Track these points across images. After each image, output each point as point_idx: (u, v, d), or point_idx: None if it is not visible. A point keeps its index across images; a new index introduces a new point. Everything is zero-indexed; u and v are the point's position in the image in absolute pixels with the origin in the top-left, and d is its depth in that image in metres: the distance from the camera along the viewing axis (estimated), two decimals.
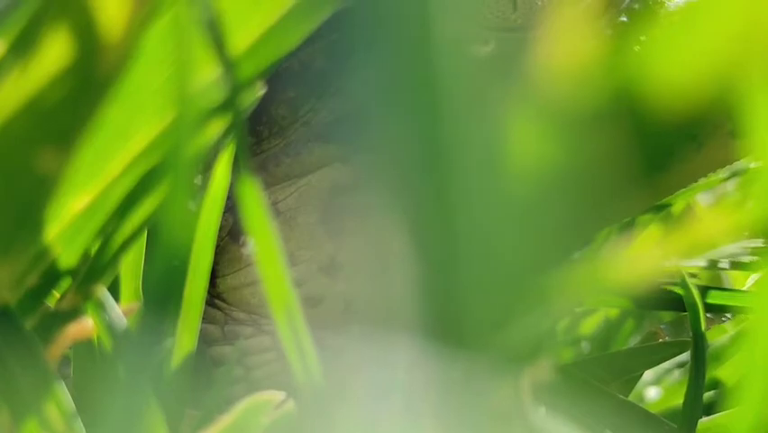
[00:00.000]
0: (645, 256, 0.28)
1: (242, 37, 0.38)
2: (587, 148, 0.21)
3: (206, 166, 0.42)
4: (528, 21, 0.55)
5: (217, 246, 0.49)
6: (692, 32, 0.22)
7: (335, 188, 0.55)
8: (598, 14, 0.55)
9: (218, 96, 0.37)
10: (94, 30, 0.33)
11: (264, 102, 0.56)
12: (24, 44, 0.33)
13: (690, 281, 0.51)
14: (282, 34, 0.38)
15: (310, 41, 0.56)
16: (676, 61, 0.22)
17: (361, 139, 0.55)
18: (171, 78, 0.36)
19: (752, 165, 0.27)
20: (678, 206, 0.66)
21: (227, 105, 0.37)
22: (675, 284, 0.51)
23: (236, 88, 0.37)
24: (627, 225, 0.65)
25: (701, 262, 0.56)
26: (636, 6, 0.55)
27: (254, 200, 0.38)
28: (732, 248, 0.59)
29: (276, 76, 0.56)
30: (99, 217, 0.40)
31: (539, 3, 0.55)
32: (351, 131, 0.55)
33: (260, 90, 0.40)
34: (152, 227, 0.42)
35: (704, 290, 0.52)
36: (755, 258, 0.28)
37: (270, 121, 0.56)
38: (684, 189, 0.61)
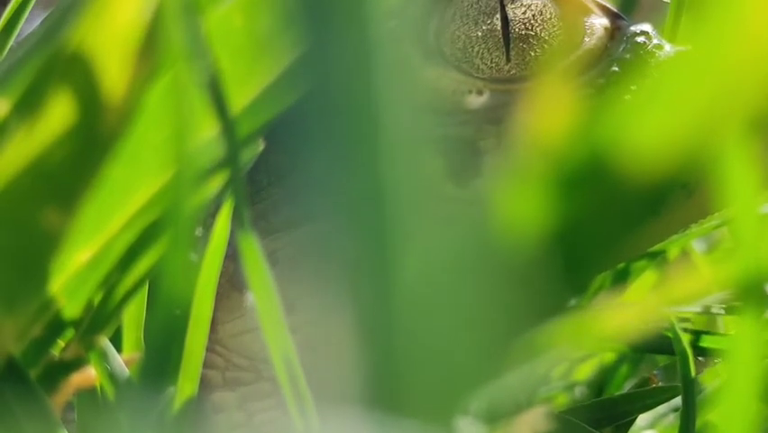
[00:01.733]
0: (639, 305, 0.29)
1: (240, 95, 0.39)
2: (568, 209, 0.22)
3: (208, 216, 0.43)
4: (521, 72, 0.56)
5: (218, 293, 0.50)
6: (666, 94, 0.23)
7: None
8: (588, 68, 0.56)
9: (218, 151, 0.38)
10: (96, 91, 0.34)
11: (263, 151, 0.57)
12: (28, 105, 0.34)
13: (682, 326, 0.52)
14: (280, 92, 0.39)
15: None
16: (652, 123, 0.23)
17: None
18: (172, 135, 0.37)
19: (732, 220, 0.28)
20: (673, 252, 0.67)
21: (227, 160, 0.38)
22: (669, 329, 0.52)
23: (235, 145, 0.38)
24: (622, 273, 0.66)
25: (695, 308, 0.57)
26: (628, 56, 0.56)
27: (253, 251, 0.39)
28: (726, 293, 0.60)
29: (274, 124, 0.57)
30: (102, 270, 0.41)
31: (532, 54, 0.56)
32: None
33: (259, 146, 0.41)
34: (154, 279, 0.43)
35: (696, 335, 0.53)
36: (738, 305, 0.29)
37: (270, 170, 0.57)
38: (678, 236, 0.62)
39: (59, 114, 0.34)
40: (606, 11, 0.58)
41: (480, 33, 0.56)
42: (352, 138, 0.21)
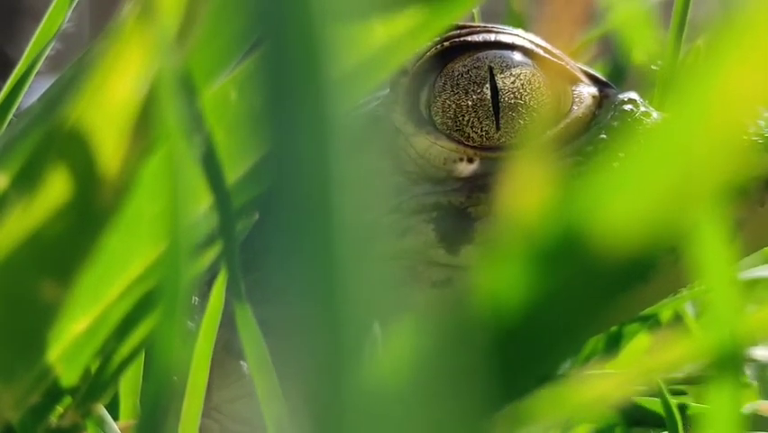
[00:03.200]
0: (624, 372, 0.30)
1: (235, 167, 0.40)
2: (543, 283, 0.23)
3: (204, 285, 0.44)
4: (512, 140, 0.57)
5: (213, 360, 0.50)
6: (638, 170, 0.24)
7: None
8: (576, 136, 0.57)
9: (212, 223, 0.39)
10: (93, 166, 0.35)
11: (259, 220, 0.58)
12: (27, 179, 0.35)
13: (672, 389, 0.53)
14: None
15: None
16: (625, 198, 0.24)
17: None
18: (167, 208, 0.38)
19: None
20: (665, 315, 0.68)
21: (221, 232, 0.39)
22: (658, 396, 0.52)
23: (230, 217, 0.39)
24: (615, 336, 0.67)
25: (683, 372, 0.58)
26: (616, 124, 0.57)
27: (248, 320, 0.40)
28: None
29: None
30: (99, 338, 0.42)
31: (521, 122, 0.57)
32: None
33: (253, 216, 0.42)
34: (150, 347, 0.43)
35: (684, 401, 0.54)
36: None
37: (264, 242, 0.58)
38: (670, 299, 0.63)
39: (56, 188, 0.35)
40: (594, 79, 0.59)
41: (470, 102, 0.57)
42: (308, 231, 0.22)
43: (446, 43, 0.58)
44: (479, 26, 0.58)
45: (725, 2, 0.23)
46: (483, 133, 0.57)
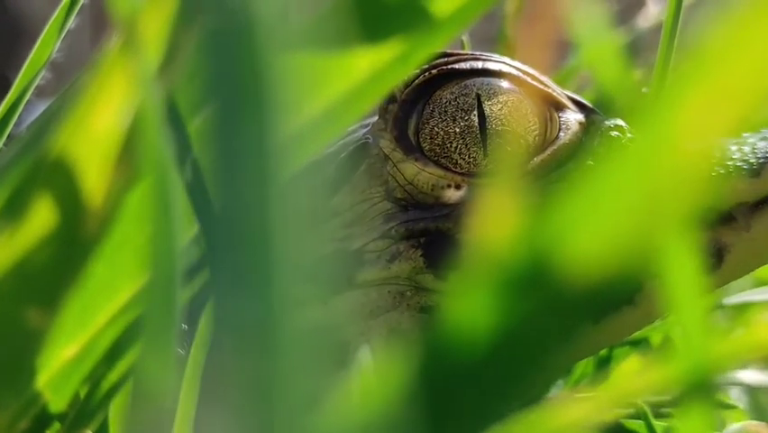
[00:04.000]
0: (611, 395, 0.30)
1: None
2: (512, 311, 0.24)
3: (194, 311, 0.45)
4: (499, 167, 0.57)
5: None
6: (605, 198, 0.24)
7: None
8: (562, 162, 0.58)
9: (200, 250, 0.39)
10: (77, 195, 0.35)
11: None
12: (12, 209, 0.36)
13: (658, 413, 0.53)
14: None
15: None
16: (593, 226, 0.24)
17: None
18: (152, 236, 0.38)
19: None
20: (655, 338, 0.68)
21: (208, 258, 0.39)
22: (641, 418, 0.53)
23: (216, 243, 0.39)
24: (605, 359, 0.67)
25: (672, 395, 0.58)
26: (602, 150, 0.57)
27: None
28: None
29: None
30: (87, 365, 0.43)
31: (509, 149, 0.57)
32: (329, 274, 0.57)
33: None
34: (138, 373, 0.44)
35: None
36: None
37: None
38: (659, 322, 0.63)
39: (41, 217, 0.35)
40: (580, 106, 0.60)
41: (458, 129, 0.57)
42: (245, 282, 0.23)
43: (434, 71, 0.58)
44: (466, 54, 0.59)
45: (695, 32, 0.23)
46: (471, 160, 0.57)
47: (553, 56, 0.52)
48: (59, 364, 0.42)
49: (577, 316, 0.24)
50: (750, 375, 0.68)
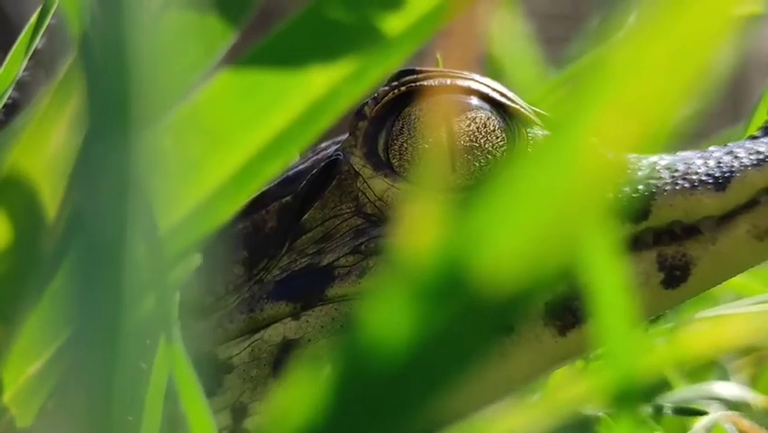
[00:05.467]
0: (540, 406, 0.31)
1: (173, 212, 0.41)
2: (427, 320, 0.24)
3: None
4: (468, 182, 0.58)
5: None
6: (517, 209, 0.25)
7: (286, 344, 0.58)
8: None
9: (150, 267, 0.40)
10: (32, 211, 0.36)
11: (221, 261, 0.59)
12: None
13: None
14: (213, 210, 0.41)
15: (262, 204, 0.60)
16: (506, 237, 0.24)
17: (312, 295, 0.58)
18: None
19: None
20: None
21: (155, 279, 0.39)
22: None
23: (162, 263, 0.39)
24: None
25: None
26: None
27: (183, 363, 0.41)
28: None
29: (231, 236, 0.60)
30: (52, 380, 0.43)
31: (477, 164, 0.58)
32: (301, 288, 0.58)
33: (196, 261, 0.43)
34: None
35: None
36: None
37: (226, 279, 0.59)
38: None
39: None
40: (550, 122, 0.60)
41: (426, 146, 0.58)
42: None
43: (403, 88, 0.59)
44: (435, 71, 0.59)
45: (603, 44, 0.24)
46: (440, 176, 0.58)
47: (474, 71, 0.53)
48: (24, 380, 0.42)
49: (492, 324, 0.24)
50: (726, 388, 0.68)
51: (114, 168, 0.24)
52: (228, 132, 0.41)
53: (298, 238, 0.59)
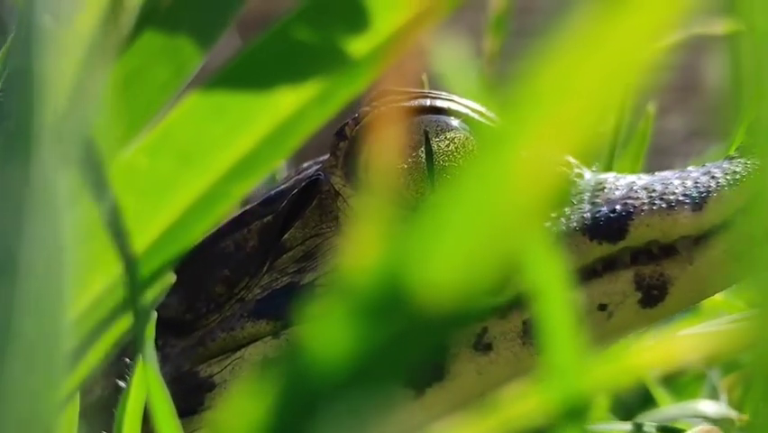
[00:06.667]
0: (485, 423, 0.31)
1: (147, 233, 0.41)
2: (366, 337, 0.25)
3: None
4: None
5: None
6: (455, 225, 0.25)
7: (266, 362, 0.58)
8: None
9: (124, 291, 0.40)
10: None
11: (202, 280, 0.60)
12: None
13: None
14: (185, 229, 0.42)
15: (243, 223, 0.60)
16: (444, 254, 0.25)
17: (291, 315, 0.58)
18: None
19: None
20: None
21: (130, 299, 0.40)
22: None
23: (137, 283, 0.40)
24: None
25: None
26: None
27: (156, 381, 0.41)
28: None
29: (213, 255, 0.60)
30: None
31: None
32: (281, 307, 0.58)
33: (170, 279, 0.43)
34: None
35: None
36: None
37: (208, 298, 0.60)
38: None
39: None
40: None
41: (406, 166, 0.58)
42: None
43: (383, 108, 0.59)
44: (415, 91, 0.60)
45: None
46: (419, 196, 0.58)
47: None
48: None
49: (433, 339, 0.25)
50: (710, 406, 0.69)
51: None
52: (198, 152, 0.42)
53: (279, 257, 0.60)
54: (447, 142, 0.58)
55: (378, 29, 0.40)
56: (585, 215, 0.56)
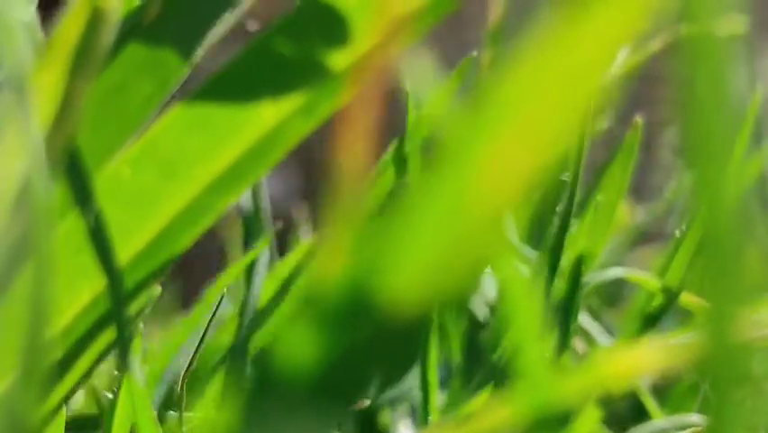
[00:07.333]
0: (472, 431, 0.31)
1: (129, 245, 0.41)
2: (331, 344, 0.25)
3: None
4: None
5: None
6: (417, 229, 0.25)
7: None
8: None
9: (107, 305, 0.41)
10: None
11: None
12: None
13: None
14: (170, 241, 0.42)
15: None
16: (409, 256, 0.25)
17: None
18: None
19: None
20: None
21: (113, 310, 0.40)
22: None
23: (120, 294, 0.40)
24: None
25: None
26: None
27: (141, 394, 0.41)
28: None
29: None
30: None
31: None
32: None
33: (155, 291, 0.43)
34: None
35: None
36: None
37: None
38: None
39: None
40: None
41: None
42: None
43: None
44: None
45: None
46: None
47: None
48: None
49: (399, 349, 0.25)
50: (701, 419, 0.68)
51: None
52: (182, 164, 0.42)
53: None
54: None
55: (358, 43, 0.41)
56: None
